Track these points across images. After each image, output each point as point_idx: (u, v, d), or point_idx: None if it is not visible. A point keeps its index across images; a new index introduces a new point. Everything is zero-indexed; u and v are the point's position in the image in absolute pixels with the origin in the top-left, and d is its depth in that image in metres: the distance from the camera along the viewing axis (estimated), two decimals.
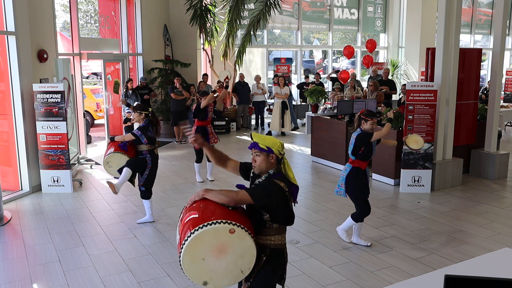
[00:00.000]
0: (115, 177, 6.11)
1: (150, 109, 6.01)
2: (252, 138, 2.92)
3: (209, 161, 7.67)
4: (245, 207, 2.88)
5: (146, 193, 6.01)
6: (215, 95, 8.89)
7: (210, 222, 2.55)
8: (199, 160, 7.87)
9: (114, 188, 5.72)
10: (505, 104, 13.01)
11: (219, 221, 2.56)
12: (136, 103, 9.99)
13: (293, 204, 2.91)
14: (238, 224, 2.61)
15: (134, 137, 5.85)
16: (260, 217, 2.80)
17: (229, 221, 2.59)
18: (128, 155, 5.91)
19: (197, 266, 2.57)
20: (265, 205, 2.76)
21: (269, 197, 2.75)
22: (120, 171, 5.86)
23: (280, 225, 2.85)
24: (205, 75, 12.13)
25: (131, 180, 5.97)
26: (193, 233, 2.53)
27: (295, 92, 14.29)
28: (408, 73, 16.33)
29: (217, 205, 2.69)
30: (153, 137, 5.96)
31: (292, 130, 12.68)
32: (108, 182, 5.76)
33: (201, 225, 2.54)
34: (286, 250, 2.98)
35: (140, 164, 5.93)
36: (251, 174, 3.03)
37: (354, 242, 5.33)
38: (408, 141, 6.06)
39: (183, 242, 2.54)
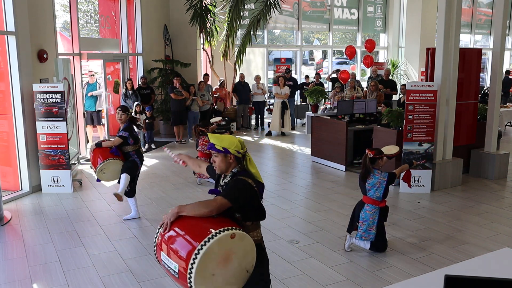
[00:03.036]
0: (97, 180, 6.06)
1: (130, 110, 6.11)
2: (209, 139, 2.87)
3: None
4: None
5: (131, 192, 6.09)
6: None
7: (211, 236, 2.44)
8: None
9: (120, 197, 5.83)
10: (505, 104, 13.02)
11: (218, 231, 2.46)
12: (136, 103, 10.00)
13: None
14: (233, 227, 2.55)
15: (122, 139, 5.88)
16: (232, 218, 2.73)
17: (226, 228, 2.50)
18: (121, 160, 5.92)
19: (209, 285, 2.47)
20: (241, 205, 2.73)
21: (242, 195, 2.72)
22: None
23: (252, 222, 2.82)
24: (206, 75, 12.13)
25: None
26: (198, 253, 2.40)
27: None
28: (408, 73, 16.33)
29: (199, 219, 2.56)
30: (137, 136, 6.07)
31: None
32: (115, 194, 5.82)
33: (203, 243, 2.41)
34: (264, 243, 2.95)
35: (133, 167, 5.98)
36: (216, 174, 3.00)
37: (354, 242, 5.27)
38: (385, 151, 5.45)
39: (190, 267, 2.40)
